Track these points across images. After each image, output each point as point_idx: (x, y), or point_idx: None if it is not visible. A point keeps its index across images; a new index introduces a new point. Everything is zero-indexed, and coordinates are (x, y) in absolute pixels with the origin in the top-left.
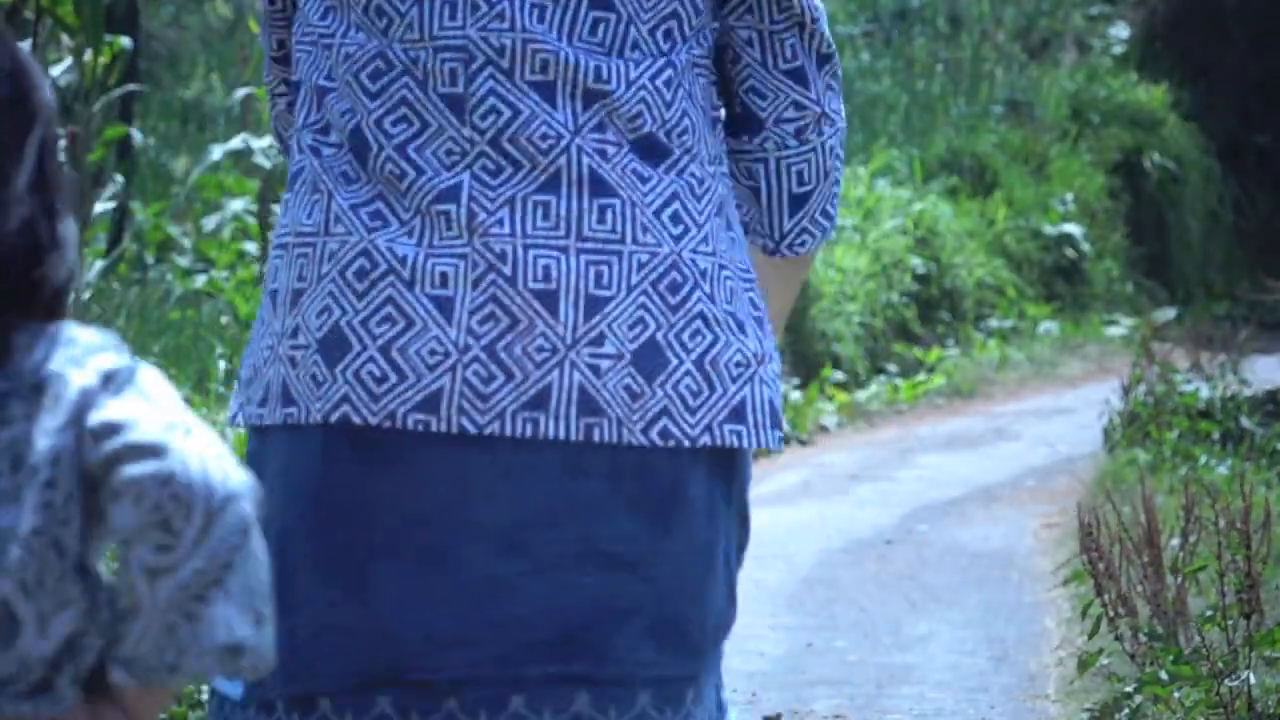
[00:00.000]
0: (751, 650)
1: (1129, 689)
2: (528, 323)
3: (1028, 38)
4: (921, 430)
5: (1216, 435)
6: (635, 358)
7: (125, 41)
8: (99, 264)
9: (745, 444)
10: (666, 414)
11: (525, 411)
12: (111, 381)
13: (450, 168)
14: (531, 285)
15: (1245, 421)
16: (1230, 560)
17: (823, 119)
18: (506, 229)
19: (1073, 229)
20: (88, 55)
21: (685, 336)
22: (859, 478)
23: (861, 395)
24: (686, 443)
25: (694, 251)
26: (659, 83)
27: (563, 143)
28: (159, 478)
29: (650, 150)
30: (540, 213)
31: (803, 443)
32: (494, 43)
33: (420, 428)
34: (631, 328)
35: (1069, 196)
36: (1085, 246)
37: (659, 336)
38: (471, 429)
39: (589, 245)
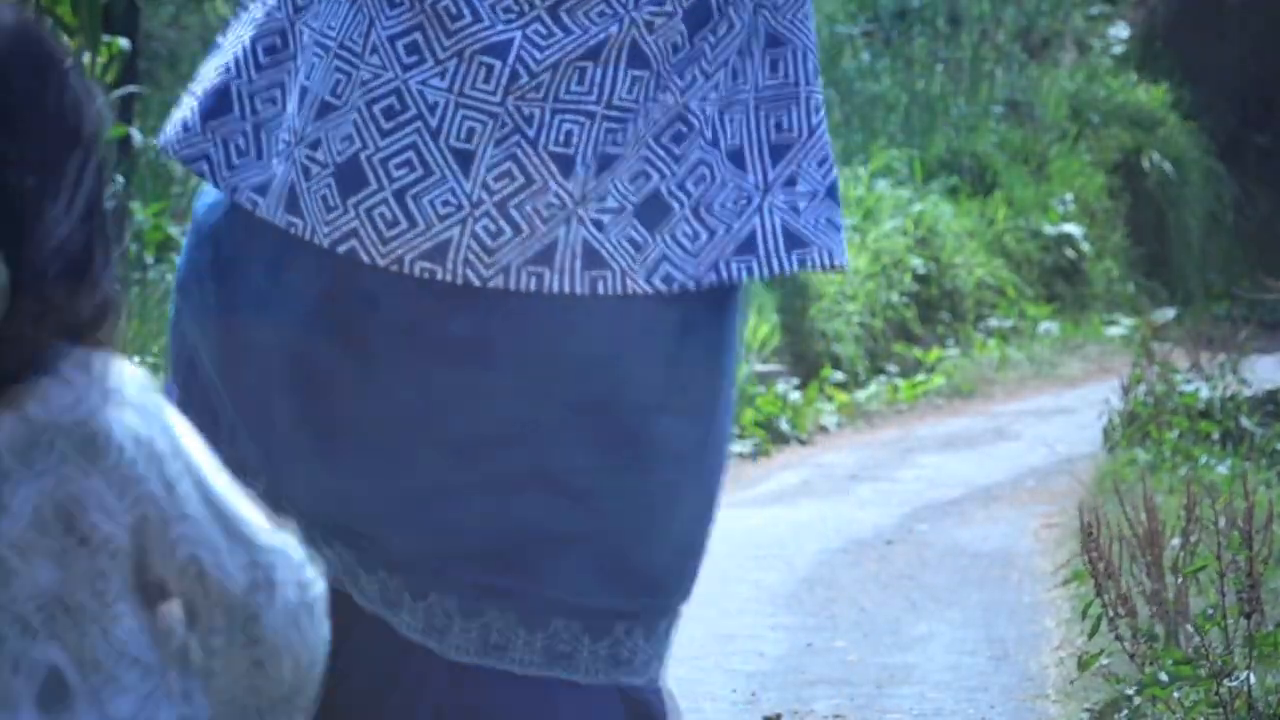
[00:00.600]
0: (751, 650)
1: (1129, 689)
2: (542, 183)
3: (1028, 38)
4: (921, 430)
5: (1216, 435)
6: (638, 209)
7: (124, 42)
8: None
9: (758, 274)
10: (666, 260)
11: (530, 266)
12: (164, 470)
13: (506, 23)
14: (552, 148)
15: (1245, 421)
16: (1231, 560)
17: None
18: (541, 93)
19: (1073, 229)
20: (86, 56)
21: (689, 185)
22: (859, 478)
23: (861, 395)
24: (691, 284)
25: (702, 99)
26: None
27: (615, 16)
28: (253, 644)
29: (699, 13)
30: (577, 77)
31: (803, 443)
32: None
33: (426, 275)
34: (633, 180)
35: (1069, 196)
36: (1085, 246)
37: (662, 187)
38: (476, 281)
39: (613, 113)
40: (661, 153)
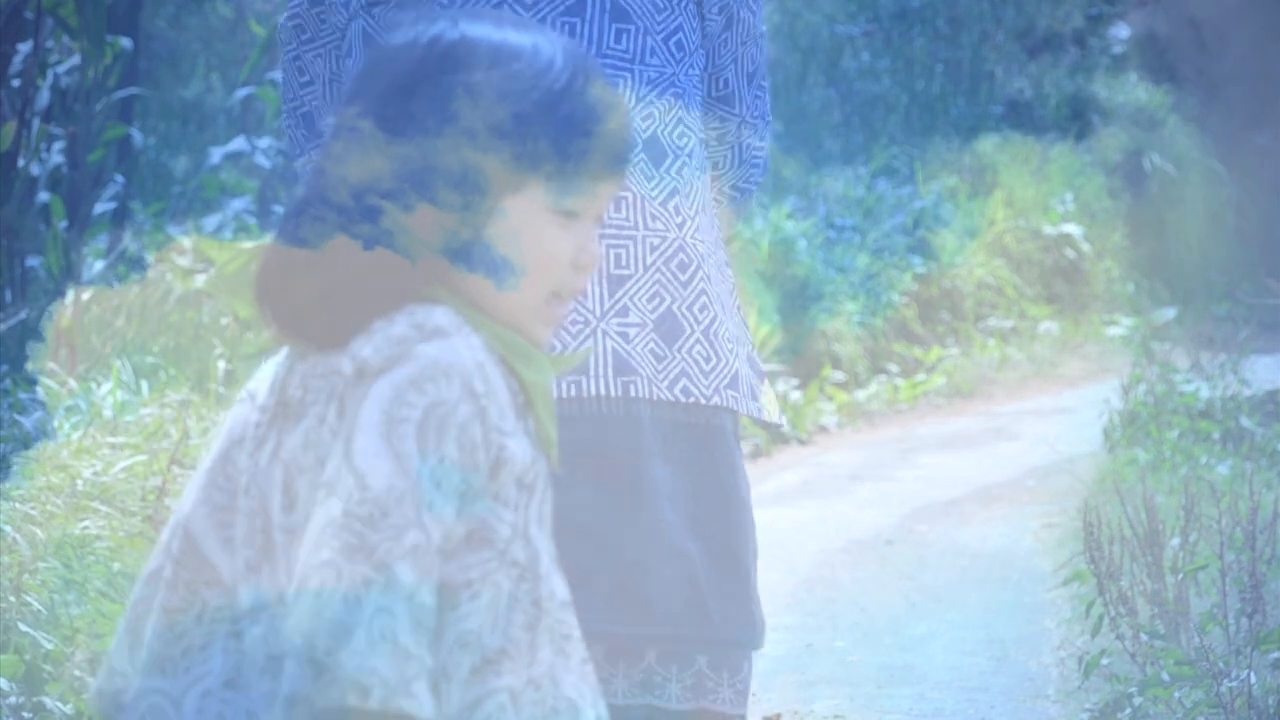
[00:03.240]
0: None
1: (1130, 689)
2: None
3: (1028, 38)
4: (921, 430)
5: (1217, 435)
6: (656, 325)
7: (125, 42)
8: (99, 264)
9: (739, 409)
10: (686, 375)
11: (570, 375)
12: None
13: None
14: None
15: (1245, 421)
16: (1233, 560)
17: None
18: None
19: (1073, 229)
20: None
21: (695, 310)
22: (859, 478)
23: (861, 395)
24: (703, 400)
25: (694, 237)
26: (669, 94)
27: None
28: None
29: (654, 150)
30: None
31: (802, 443)
32: None
33: None
34: (650, 300)
35: (1069, 196)
36: (1085, 246)
37: (674, 308)
38: None
39: (609, 232)
40: (671, 277)
